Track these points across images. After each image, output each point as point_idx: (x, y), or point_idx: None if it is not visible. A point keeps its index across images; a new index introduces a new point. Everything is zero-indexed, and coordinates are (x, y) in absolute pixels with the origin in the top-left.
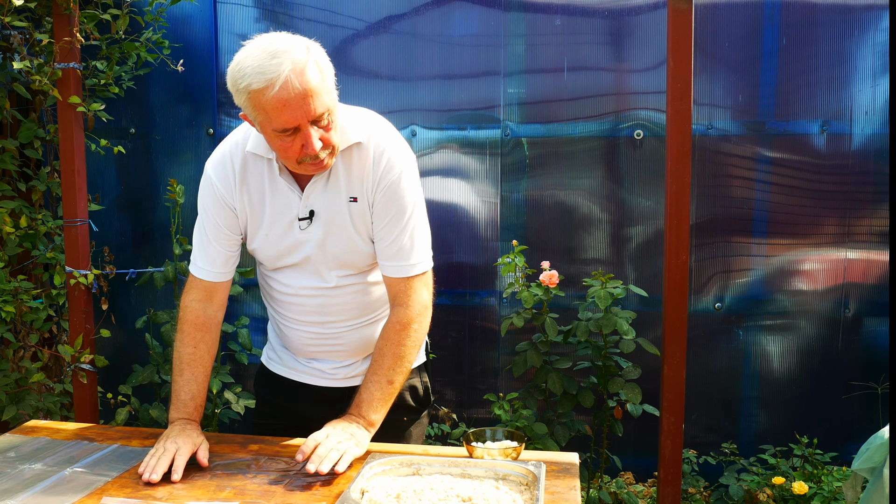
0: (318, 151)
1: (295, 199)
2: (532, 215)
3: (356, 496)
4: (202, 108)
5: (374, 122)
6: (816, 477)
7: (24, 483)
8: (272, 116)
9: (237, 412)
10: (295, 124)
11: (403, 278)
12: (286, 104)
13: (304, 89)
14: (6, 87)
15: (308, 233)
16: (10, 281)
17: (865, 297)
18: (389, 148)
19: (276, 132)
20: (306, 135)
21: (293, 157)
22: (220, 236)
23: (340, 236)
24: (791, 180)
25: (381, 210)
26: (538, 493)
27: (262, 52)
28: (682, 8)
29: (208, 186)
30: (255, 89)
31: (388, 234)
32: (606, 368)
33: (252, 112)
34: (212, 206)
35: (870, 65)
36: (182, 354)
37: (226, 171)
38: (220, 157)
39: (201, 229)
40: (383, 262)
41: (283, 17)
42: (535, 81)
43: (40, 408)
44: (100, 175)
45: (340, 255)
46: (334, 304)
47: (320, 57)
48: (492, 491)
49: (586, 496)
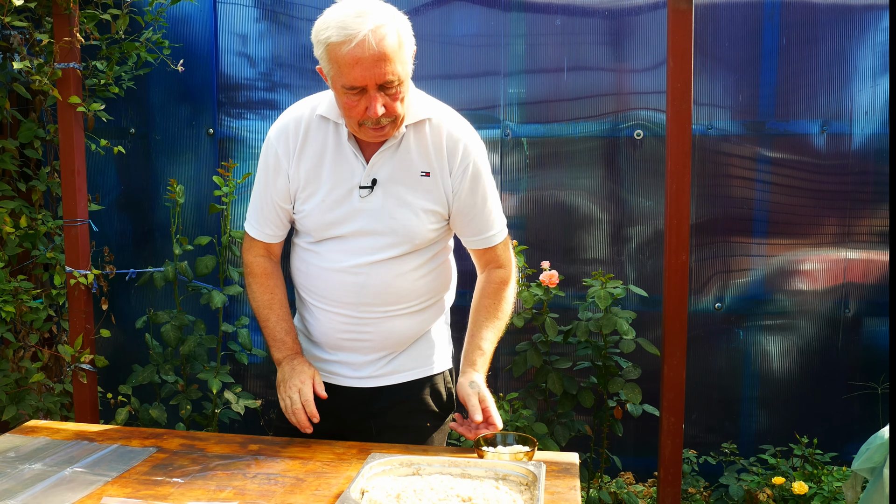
0: (380, 117)
1: (359, 167)
2: (532, 215)
3: (356, 496)
4: (202, 108)
5: (441, 105)
6: (816, 477)
7: (24, 483)
8: (343, 71)
9: (237, 412)
10: (363, 83)
11: (492, 247)
12: (358, 62)
13: (380, 52)
14: (6, 87)
15: (367, 202)
16: (10, 281)
17: (865, 297)
18: (465, 133)
19: (345, 88)
20: (372, 97)
21: (355, 118)
22: (278, 198)
23: (404, 208)
24: (791, 180)
25: (467, 194)
26: (538, 493)
27: (349, 9)
28: (682, 8)
29: (267, 151)
30: (334, 42)
31: (476, 215)
32: (606, 368)
33: (326, 65)
34: (269, 170)
35: (870, 65)
36: (262, 301)
37: (287, 135)
38: (283, 123)
39: (258, 192)
40: (471, 237)
41: (284, 17)
42: (535, 81)
43: (40, 408)
44: (100, 175)
45: (398, 227)
46: (373, 286)
47: (403, 27)
48: (492, 491)
49: (586, 496)
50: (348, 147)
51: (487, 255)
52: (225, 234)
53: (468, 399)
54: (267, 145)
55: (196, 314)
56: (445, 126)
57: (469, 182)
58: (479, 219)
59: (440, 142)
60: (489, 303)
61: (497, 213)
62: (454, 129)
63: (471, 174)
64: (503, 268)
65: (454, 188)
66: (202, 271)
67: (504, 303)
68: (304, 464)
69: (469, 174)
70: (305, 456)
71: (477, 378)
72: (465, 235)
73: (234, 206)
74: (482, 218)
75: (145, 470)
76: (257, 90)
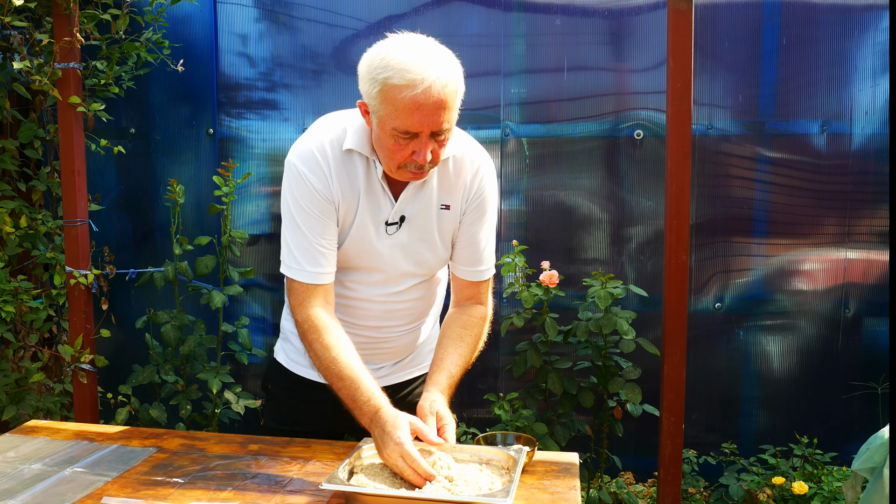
0: (426, 163)
1: (387, 204)
2: (532, 215)
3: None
4: (202, 108)
5: (465, 136)
6: (816, 477)
7: (24, 483)
8: (400, 115)
9: (237, 412)
10: (419, 130)
11: (479, 281)
12: (419, 108)
13: (442, 100)
14: (6, 87)
15: (394, 238)
16: (10, 281)
17: (865, 297)
18: (484, 164)
19: (396, 131)
20: (423, 143)
21: (397, 160)
22: (327, 232)
23: (426, 242)
24: (791, 180)
25: (470, 219)
26: (514, 475)
27: (413, 51)
28: (682, 8)
29: (302, 184)
30: (394, 84)
31: (472, 241)
32: (606, 368)
33: (379, 105)
34: (311, 204)
35: (870, 65)
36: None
37: (320, 167)
38: (308, 153)
39: (301, 233)
40: (462, 266)
41: (284, 17)
42: (536, 81)
43: (40, 408)
44: (100, 175)
45: (422, 260)
46: (397, 311)
47: (460, 76)
48: (474, 473)
49: (586, 496)
50: (378, 183)
51: (472, 290)
52: (225, 234)
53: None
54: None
55: (196, 314)
56: (469, 156)
57: (478, 211)
58: (477, 249)
59: (462, 173)
60: (465, 333)
61: (491, 251)
62: (476, 157)
63: (482, 204)
64: (484, 306)
65: (464, 213)
66: (202, 271)
67: (478, 339)
68: (304, 464)
69: (480, 204)
70: (305, 456)
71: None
72: (459, 263)
73: (234, 206)
74: (481, 248)
75: (145, 470)
76: (257, 90)
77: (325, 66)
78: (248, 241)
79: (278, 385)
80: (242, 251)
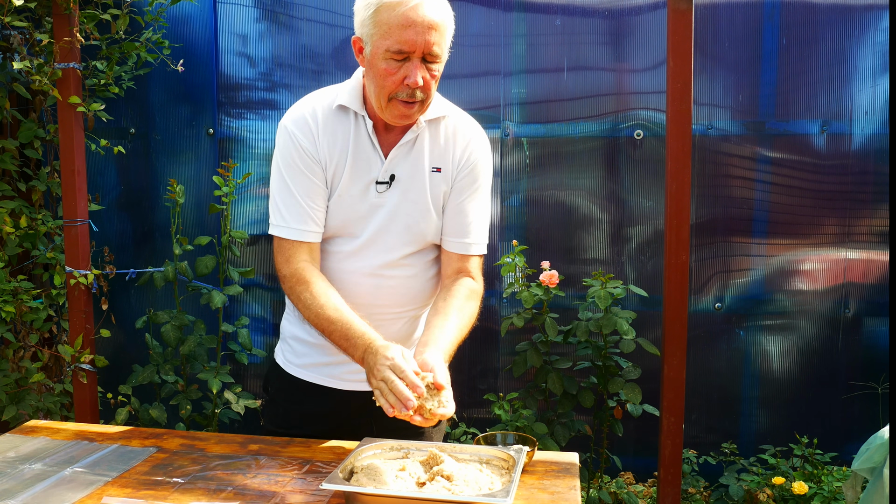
0: (416, 90)
1: (377, 162)
2: (532, 215)
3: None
4: (202, 108)
5: (455, 106)
6: (816, 477)
7: (24, 483)
8: (393, 33)
9: (237, 412)
10: (411, 48)
11: (467, 255)
12: (412, 24)
13: (433, 20)
14: (6, 87)
15: (384, 198)
16: (10, 281)
17: (865, 297)
18: (477, 135)
19: (389, 52)
20: (414, 66)
21: (388, 88)
22: (314, 192)
23: (417, 204)
24: (791, 180)
25: (460, 186)
26: (514, 475)
27: None
28: (682, 8)
29: (291, 144)
30: (387, 3)
31: (460, 210)
32: (606, 368)
33: (372, 28)
34: (299, 162)
35: (870, 65)
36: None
37: (308, 127)
38: (299, 114)
39: (288, 191)
40: (450, 237)
41: (284, 17)
42: (536, 81)
43: (40, 408)
44: (100, 175)
45: (412, 224)
46: (387, 287)
47: (450, 12)
48: (474, 473)
49: (586, 496)
50: (367, 141)
51: (461, 264)
52: (225, 234)
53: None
54: (288, 139)
55: (196, 314)
56: (461, 125)
57: (468, 179)
58: (465, 220)
59: (454, 138)
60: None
61: (482, 228)
62: (468, 129)
63: (472, 173)
64: (475, 279)
65: (454, 180)
66: (202, 271)
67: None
68: (304, 464)
69: (471, 173)
70: (305, 456)
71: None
72: (447, 234)
73: (234, 206)
74: (469, 220)
75: (145, 470)
76: (257, 90)
77: (325, 66)
78: (248, 241)
79: (277, 387)
80: (242, 251)
